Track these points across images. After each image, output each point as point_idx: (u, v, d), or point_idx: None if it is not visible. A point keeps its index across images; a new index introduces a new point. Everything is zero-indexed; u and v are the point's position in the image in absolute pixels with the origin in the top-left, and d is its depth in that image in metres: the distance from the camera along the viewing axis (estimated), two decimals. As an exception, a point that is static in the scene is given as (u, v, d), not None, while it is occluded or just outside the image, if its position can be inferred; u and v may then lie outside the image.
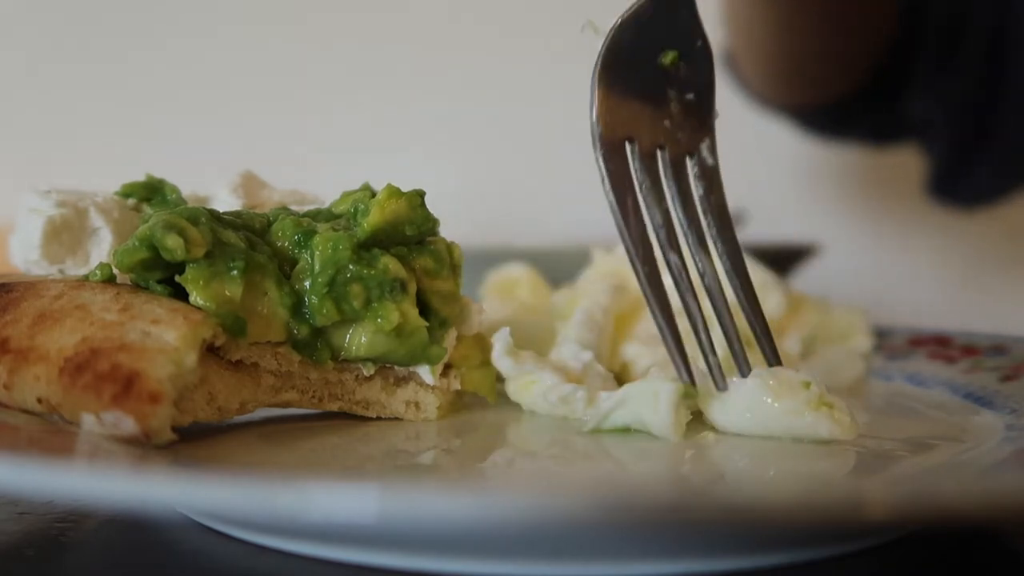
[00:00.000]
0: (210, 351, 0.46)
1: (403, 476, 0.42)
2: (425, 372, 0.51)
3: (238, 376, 0.47)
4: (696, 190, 0.50)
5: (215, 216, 0.47)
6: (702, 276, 0.50)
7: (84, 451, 0.38)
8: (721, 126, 0.52)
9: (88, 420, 0.40)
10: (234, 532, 0.39)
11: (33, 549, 0.40)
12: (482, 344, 0.54)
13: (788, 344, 0.65)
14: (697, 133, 0.51)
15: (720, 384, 0.48)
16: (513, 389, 0.54)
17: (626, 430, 0.48)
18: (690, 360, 0.49)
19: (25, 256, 0.51)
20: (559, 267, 0.73)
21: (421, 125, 1.51)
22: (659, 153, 0.50)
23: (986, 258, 1.51)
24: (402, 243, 0.50)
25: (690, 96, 0.51)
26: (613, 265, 0.67)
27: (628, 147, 0.49)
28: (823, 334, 0.66)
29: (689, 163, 0.51)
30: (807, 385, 0.47)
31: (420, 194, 0.50)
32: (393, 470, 0.43)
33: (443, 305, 0.51)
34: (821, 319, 0.67)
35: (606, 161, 0.48)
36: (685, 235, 0.50)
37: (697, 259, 0.50)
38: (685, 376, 0.48)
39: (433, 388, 0.52)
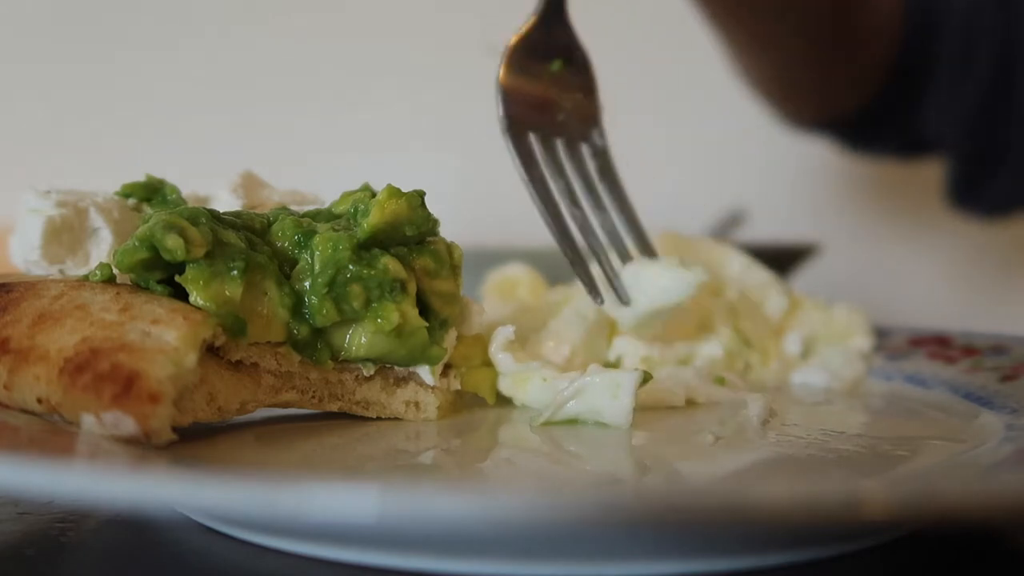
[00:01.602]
0: (210, 351, 0.46)
1: (403, 476, 0.42)
2: (425, 372, 0.51)
3: (238, 376, 0.47)
4: (592, 165, 0.61)
5: (215, 216, 0.47)
6: (601, 226, 0.60)
7: (84, 451, 0.38)
8: (722, 128, 0.52)
9: (88, 420, 0.40)
10: (234, 532, 0.39)
11: (33, 549, 0.40)
12: (482, 344, 0.54)
13: (788, 344, 0.65)
14: (586, 124, 0.62)
15: (624, 298, 0.59)
16: (508, 384, 0.54)
17: (573, 421, 0.50)
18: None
19: (25, 256, 0.51)
20: (559, 267, 0.73)
21: (421, 125, 1.51)
22: (557, 141, 0.60)
23: (987, 258, 1.51)
24: (402, 243, 0.50)
25: (577, 95, 0.62)
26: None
27: (531, 135, 0.59)
28: (823, 334, 0.66)
29: (585, 147, 0.62)
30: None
31: (420, 194, 0.50)
32: (393, 470, 0.43)
33: (443, 305, 0.51)
34: (821, 319, 0.67)
35: (515, 144, 0.58)
36: (584, 198, 0.60)
37: (594, 215, 0.60)
38: (593, 292, 0.57)
39: (433, 388, 0.52)
